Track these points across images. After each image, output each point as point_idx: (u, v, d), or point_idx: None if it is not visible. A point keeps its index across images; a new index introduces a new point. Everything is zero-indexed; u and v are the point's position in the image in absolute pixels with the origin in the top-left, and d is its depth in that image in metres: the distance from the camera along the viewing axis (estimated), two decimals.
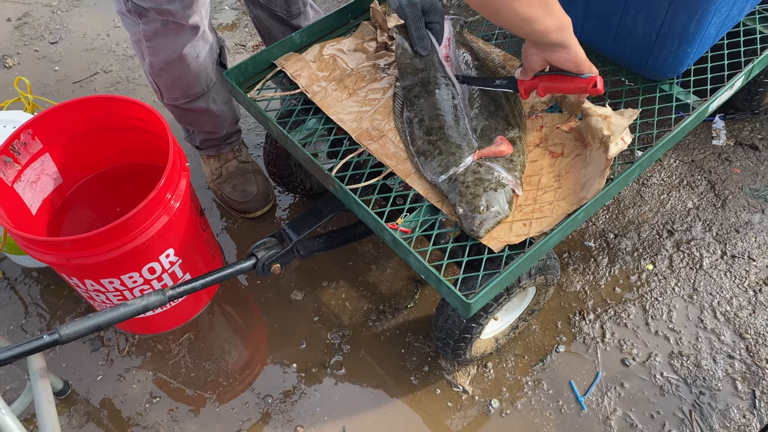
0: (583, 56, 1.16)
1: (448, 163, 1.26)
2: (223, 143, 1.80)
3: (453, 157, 1.27)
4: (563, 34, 1.11)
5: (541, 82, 1.24)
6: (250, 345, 1.64)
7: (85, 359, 1.62)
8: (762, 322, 1.59)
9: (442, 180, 1.26)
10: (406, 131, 1.35)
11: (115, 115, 1.51)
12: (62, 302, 1.72)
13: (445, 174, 1.25)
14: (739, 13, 1.45)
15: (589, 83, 1.17)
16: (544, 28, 1.07)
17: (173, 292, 1.27)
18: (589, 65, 1.18)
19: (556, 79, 1.22)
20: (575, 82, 1.19)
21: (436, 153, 1.28)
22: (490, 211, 1.19)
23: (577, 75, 1.19)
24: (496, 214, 1.19)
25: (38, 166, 1.50)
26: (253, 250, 1.40)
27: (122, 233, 1.27)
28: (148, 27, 1.41)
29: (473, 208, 1.19)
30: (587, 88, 1.18)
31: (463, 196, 1.21)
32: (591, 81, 1.17)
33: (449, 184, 1.25)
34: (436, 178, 1.26)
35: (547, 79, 1.23)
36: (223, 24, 2.55)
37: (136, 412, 1.53)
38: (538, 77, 1.24)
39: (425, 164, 1.29)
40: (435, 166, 1.27)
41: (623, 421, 1.46)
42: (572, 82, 1.19)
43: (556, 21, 1.08)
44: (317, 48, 1.55)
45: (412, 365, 1.57)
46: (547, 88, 1.24)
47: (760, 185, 1.86)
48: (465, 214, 1.19)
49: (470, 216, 1.18)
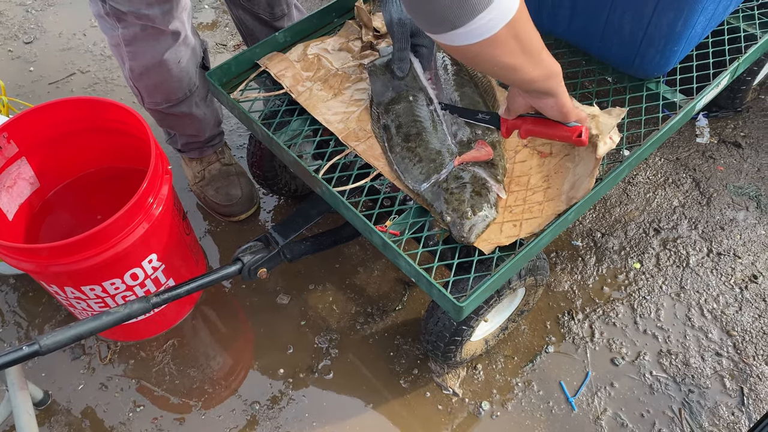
0: (570, 105, 1.08)
1: (429, 171, 1.24)
2: (206, 146, 1.77)
3: (434, 164, 1.25)
4: (550, 83, 1.02)
5: (524, 123, 1.17)
6: (236, 350, 1.61)
7: (66, 368, 1.58)
8: (748, 319, 1.60)
9: (425, 188, 1.23)
10: (384, 138, 1.33)
11: (94, 118, 1.47)
12: (41, 310, 1.68)
13: (427, 182, 1.23)
14: (723, 12, 1.45)
15: (574, 133, 1.10)
16: (529, 77, 0.98)
17: (157, 299, 1.24)
18: (575, 114, 1.09)
19: (539, 122, 1.15)
20: (560, 129, 1.12)
21: (416, 160, 1.26)
22: (478, 215, 1.17)
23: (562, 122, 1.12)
24: (484, 218, 1.17)
25: (14, 171, 1.46)
26: (238, 255, 1.37)
27: (103, 239, 1.24)
28: (127, 31, 1.38)
29: (461, 214, 1.17)
30: (571, 137, 1.11)
31: (449, 203, 1.19)
32: (576, 131, 1.10)
33: (433, 192, 1.23)
34: (418, 186, 1.24)
35: (530, 121, 1.16)
36: (203, 23, 2.51)
37: (120, 422, 1.49)
38: (521, 118, 1.17)
39: (406, 172, 1.26)
40: (416, 173, 1.25)
41: (614, 421, 1.45)
42: (556, 129, 1.13)
43: (543, 70, 0.98)
44: (301, 47, 1.52)
45: (401, 368, 1.55)
46: (530, 131, 1.17)
47: (744, 182, 1.88)
48: (453, 221, 1.18)
49: (459, 222, 1.17)
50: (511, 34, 0.87)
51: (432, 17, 0.85)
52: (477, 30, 0.85)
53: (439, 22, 0.85)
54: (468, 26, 0.84)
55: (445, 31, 0.86)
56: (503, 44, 0.88)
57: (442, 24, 0.85)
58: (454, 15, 0.83)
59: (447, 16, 0.83)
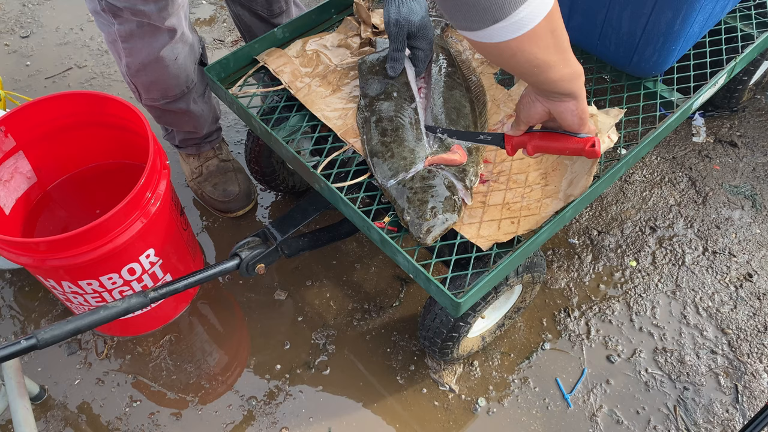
0: (588, 113, 1.06)
1: (398, 168, 1.24)
2: (204, 142, 1.77)
3: (404, 162, 1.25)
4: (576, 83, 0.99)
5: (531, 139, 1.11)
6: (233, 346, 1.61)
7: (62, 363, 1.58)
8: (743, 317, 1.61)
9: (391, 185, 1.24)
10: (363, 130, 1.33)
11: (92, 112, 1.47)
12: (37, 304, 1.67)
13: (394, 179, 1.24)
14: (721, 11, 1.46)
15: (587, 143, 1.06)
16: (560, 75, 0.95)
17: (155, 294, 1.24)
18: (589, 126, 1.07)
19: (548, 137, 1.10)
20: (571, 141, 1.07)
21: (388, 156, 1.26)
22: (438, 218, 1.17)
23: (571, 134, 1.08)
24: (443, 221, 1.17)
25: (11, 165, 1.45)
26: (236, 250, 1.37)
27: (101, 233, 1.23)
28: (124, 27, 1.37)
29: (420, 215, 1.17)
30: (584, 148, 1.06)
31: (411, 202, 1.20)
32: (589, 141, 1.06)
33: (398, 190, 1.23)
34: (385, 182, 1.24)
35: (538, 136, 1.11)
36: (201, 19, 2.50)
37: (116, 417, 1.49)
38: (528, 134, 1.12)
39: (376, 167, 1.27)
40: (385, 169, 1.25)
41: (609, 418, 1.46)
42: (568, 141, 1.08)
43: (572, 69, 0.96)
44: (300, 43, 1.52)
45: (398, 364, 1.55)
46: (538, 146, 1.11)
47: (740, 182, 1.88)
48: (412, 220, 1.18)
49: (417, 223, 1.17)
50: (549, 28, 0.86)
51: (473, 11, 0.82)
52: (517, 23, 0.83)
53: (479, 17, 0.82)
54: (509, 19, 0.82)
55: (486, 26, 0.83)
56: (541, 39, 0.87)
57: (483, 18, 0.82)
58: (497, 6, 0.80)
59: (489, 8, 0.81)
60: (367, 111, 1.34)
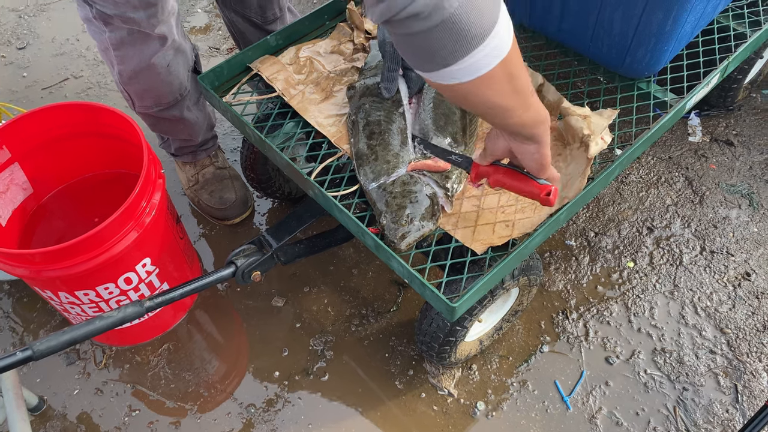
0: (549, 159, 1.02)
1: (380, 172, 1.24)
2: (199, 150, 1.77)
3: (387, 166, 1.24)
4: (538, 129, 0.95)
5: (495, 173, 1.11)
6: (231, 354, 1.61)
7: (61, 373, 1.58)
8: (742, 316, 1.60)
9: (372, 188, 1.24)
10: (351, 132, 1.33)
11: (87, 123, 1.47)
12: (35, 315, 1.67)
13: (375, 182, 1.24)
14: (713, 11, 1.46)
15: (543, 191, 1.05)
16: (520, 120, 0.91)
17: (151, 303, 1.24)
18: (550, 172, 1.05)
19: (510, 174, 1.10)
20: (530, 185, 1.07)
21: (372, 158, 1.26)
22: (413, 224, 1.17)
23: (532, 177, 1.07)
24: (418, 228, 1.17)
25: (7, 176, 1.45)
26: (232, 258, 1.37)
27: (96, 243, 1.24)
28: (115, 35, 1.38)
29: (396, 220, 1.17)
30: (539, 195, 1.06)
31: (389, 206, 1.19)
32: (545, 189, 1.05)
33: (377, 193, 1.23)
34: (367, 184, 1.24)
35: (501, 171, 1.11)
36: (196, 27, 2.51)
37: (115, 427, 1.49)
38: (493, 166, 1.12)
39: (360, 168, 1.27)
40: (368, 171, 1.25)
41: (609, 420, 1.46)
42: (526, 183, 1.07)
43: (533, 114, 0.92)
44: (293, 50, 1.53)
45: (396, 369, 1.55)
46: (499, 181, 1.11)
47: (736, 180, 1.88)
48: (387, 225, 1.17)
49: (392, 228, 1.17)
50: (505, 72, 0.81)
51: (422, 54, 0.78)
52: (471, 67, 0.78)
53: (429, 58, 0.78)
54: (461, 63, 0.77)
55: (436, 69, 0.79)
56: (497, 83, 0.82)
57: (433, 61, 0.78)
58: (447, 51, 0.75)
59: (438, 52, 0.76)
60: (355, 115, 1.35)
